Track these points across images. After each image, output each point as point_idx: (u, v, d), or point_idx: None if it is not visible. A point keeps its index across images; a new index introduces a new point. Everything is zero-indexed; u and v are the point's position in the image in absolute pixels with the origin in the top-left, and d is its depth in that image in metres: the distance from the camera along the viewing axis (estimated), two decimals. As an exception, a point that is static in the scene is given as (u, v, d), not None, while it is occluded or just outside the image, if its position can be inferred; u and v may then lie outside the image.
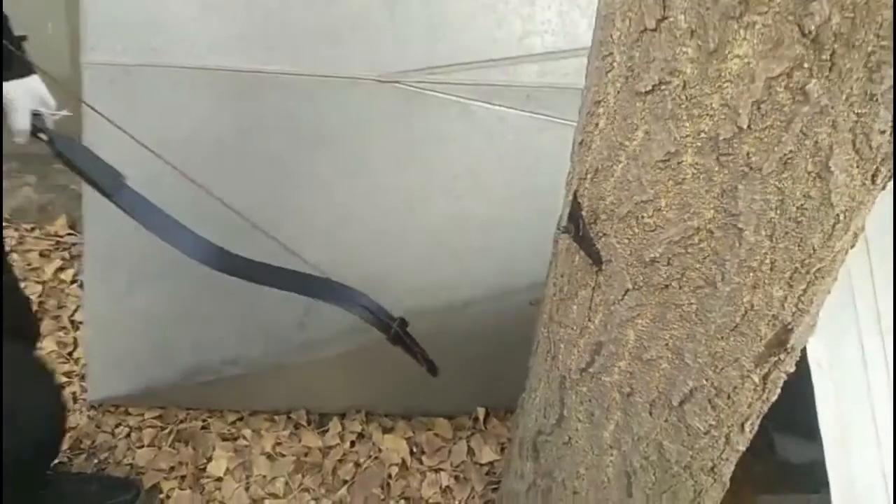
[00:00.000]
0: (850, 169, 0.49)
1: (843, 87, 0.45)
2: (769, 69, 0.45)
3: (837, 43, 0.43)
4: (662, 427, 0.70)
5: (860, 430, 0.88)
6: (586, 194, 0.61)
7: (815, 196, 0.50)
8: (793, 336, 0.61)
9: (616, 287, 0.62)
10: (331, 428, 1.50)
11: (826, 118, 0.46)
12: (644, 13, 0.49)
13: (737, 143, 0.49)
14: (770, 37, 0.44)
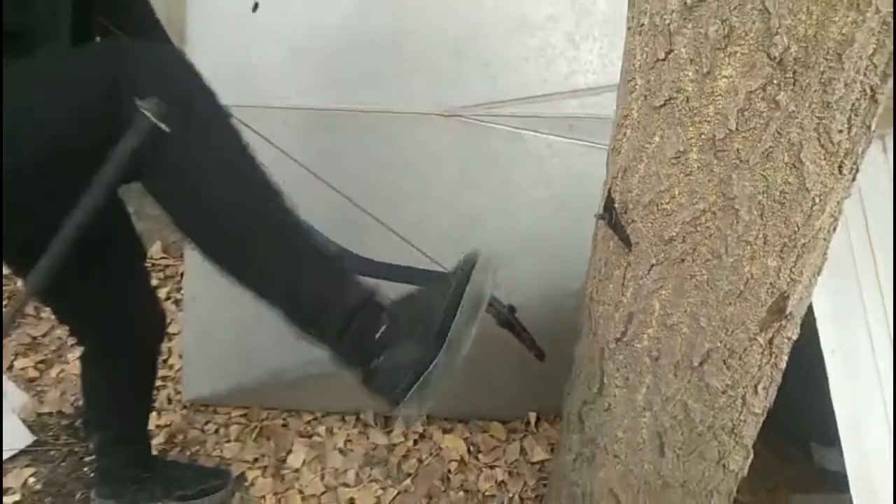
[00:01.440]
0: (818, 161, 0.64)
1: (805, 97, 0.61)
2: (748, 85, 0.61)
3: (797, 65, 0.59)
4: (686, 387, 0.83)
5: (870, 411, 0.99)
6: (618, 189, 0.77)
7: (793, 182, 0.65)
8: (790, 303, 0.75)
9: (643, 264, 0.77)
10: (395, 428, 1.66)
11: (794, 121, 0.62)
12: (657, 48, 0.66)
13: (728, 142, 0.65)
14: (747, 62, 0.60)
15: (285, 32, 1.43)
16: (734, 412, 0.85)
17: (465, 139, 1.36)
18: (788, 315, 0.76)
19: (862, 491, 1.02)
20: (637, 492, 0.98)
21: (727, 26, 0.60)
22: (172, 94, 0.73)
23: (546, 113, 1.32)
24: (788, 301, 0.74)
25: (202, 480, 1.51)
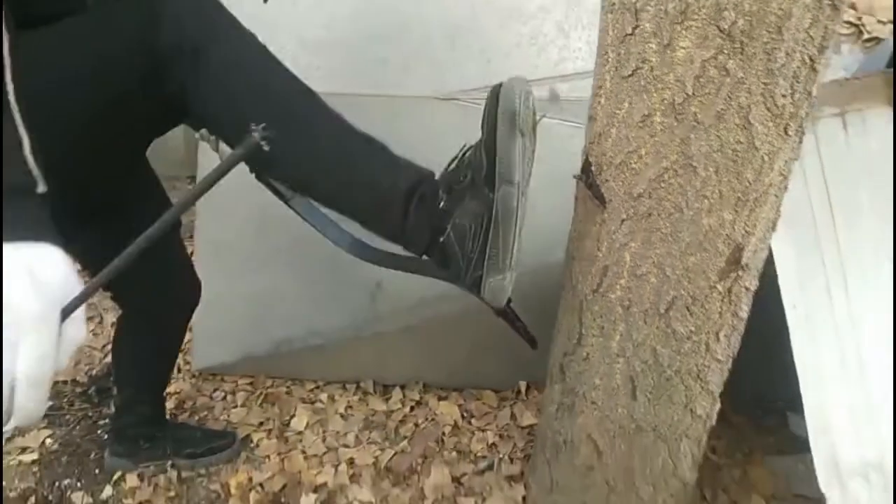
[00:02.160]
0: (765, 122, 0.74)
1: (751, 65, 0.70)
2: (702, 55, 0.71)
3: (743, 36, 0.69)
4: (654, 333, 0.93)
5: (829, 362, 1.09)
6: (593, 152, 0.86)
7: (744, 141, 0.75)
8: (745, 254, 0.84)
9: (615, 220, 0.87)
10: (393, 396, 1.75)
11: (743, 86, 0.72)
12: (625, 24, 0.76)
13: (687, 106, 0.74)
14: (701, 34, 0.70)
15: (295, 23, 1.52)
16: (699, 357, 0.95)
17: (462, 120, 1.46)
18: (744, 266, 0.85)
19: (821, 444, 1.11)
20: (613, 436, 1.07)
21: (684, 3, 0.69)
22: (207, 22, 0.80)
23: (538, 96, 1.41)
24: (744, 252, 0.83)
25: (210, 441, 1.60)
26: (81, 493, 1.50)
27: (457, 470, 1.54)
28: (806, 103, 0.74)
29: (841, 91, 1.07)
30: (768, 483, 1.48)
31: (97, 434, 1.67)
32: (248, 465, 1.58)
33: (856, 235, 1.08)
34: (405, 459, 1.57)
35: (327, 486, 1.52)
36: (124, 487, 1.51)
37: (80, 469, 1.57)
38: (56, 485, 1.53)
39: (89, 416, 1.73)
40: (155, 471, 1.54)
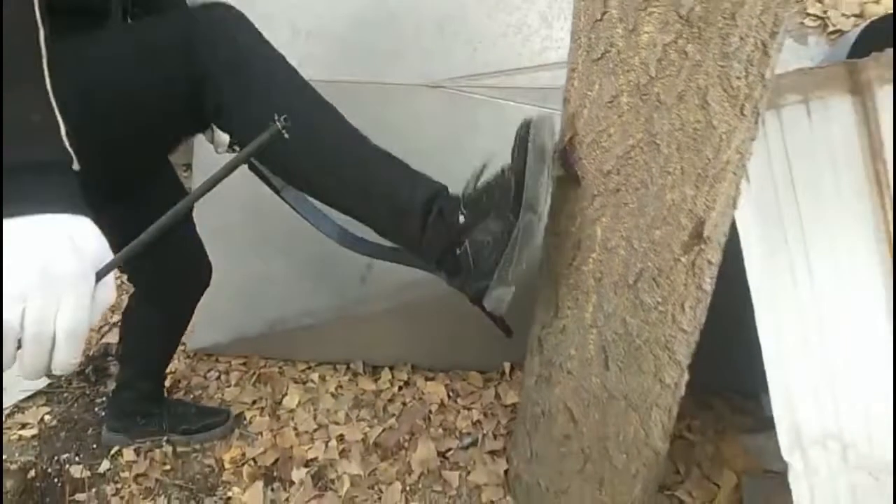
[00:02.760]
0: (722, 103, 0.80)
1: (708, 48, 0.76)
2: (663, 39, 0.76)
3: (701, 22, 0.75)
4: (624, 304, 0.99)
5: (792, 337, 1.15)
6: (568, 132, 0.92)
7: (703, 120, 0.81)
8: (706, 227, 0.90)
9: (587, 195, 0.92)
10: (382, 376, 1.81)
11: (701, 69, 0.77)
12: (595, 10, 0.81)
13: (650, 87, 0.80)
14: (662, 19, 0.76)
15: (289, 14, 1.57)
16: (666, 328, 1.01)
17: (449, 108, 1.51)
18: (706, 239, 0.91)
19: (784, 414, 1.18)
20: (587, 405, 1.13)
21: (646, -9, 0.75)
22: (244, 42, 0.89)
23: (522, 84, 1.47)
24: (705, 225, 0.89)
25: (205, 417, 1.66)
26: (80, 466, 1.56)
27: (442, 445, 1.60)
28: (760, 85, 0.80)
29: (805, 79, 1.13)
30: (740, 459, 1.55)
31: (94, 411, 1.73)
32: (242, 441, 1.64)
33: (818, 217, 1.15)
34: (393, 435, 1.63)
35: (318, 461, 1.58)
36: (121, 461, 1.57)
37: (78, 444, 1.63)
38: (55, 458, 1.58)
39: (86, 395, 1.78)
40: (151, 445, 1.59)
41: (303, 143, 0.88)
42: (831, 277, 1.16)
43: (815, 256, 1.15)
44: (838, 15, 1.32)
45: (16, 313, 0.52)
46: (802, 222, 1.16)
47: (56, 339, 0.54)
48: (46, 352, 0.54)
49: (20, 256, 0.54)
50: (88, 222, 0.60)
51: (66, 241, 0.56)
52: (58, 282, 0.54)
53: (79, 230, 0.58)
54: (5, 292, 0.52)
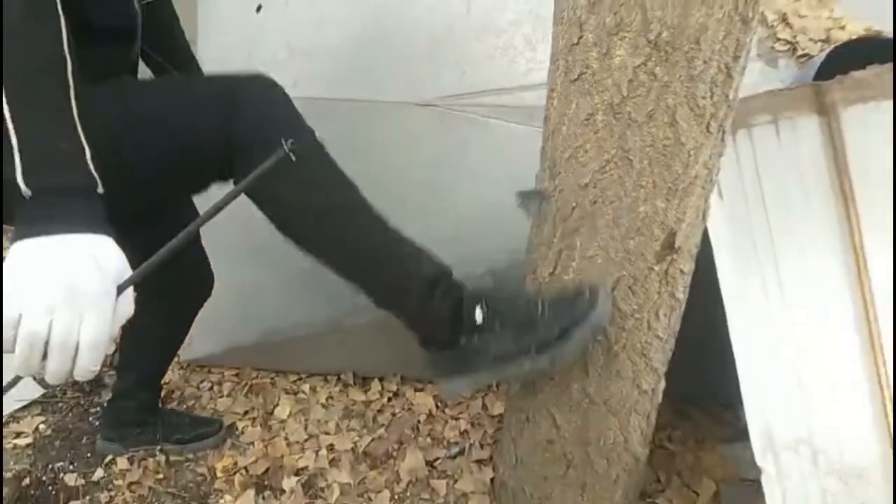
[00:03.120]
0: (689, 121, 0.86)
1: (675, 71, 0.82)
2: (634, 62, 0.82)
3: (668, 46, 0.81)
4: (603, 311, 1.04)
5: (764, 346, 1.20)
6: (548, 148, 0.98)
7: (672, 137, 0.87)
8: (678, 238, 0.95)
9: (567, 207, 0.98)
10: (372, 387, 1.84)
11: (669, 89, 0.83)
12: (572, 35, 0.87)
13: (623, 106, 0.86)
14: (633, 44, 0.82)
15: (283, 32, 1.63)
16: (641, 334, 1.06)
17: (439, 126, 1.57)
18: (678, 249, 0.97)
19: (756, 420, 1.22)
20: (569, 410, 1.18)
21: (618, 17, 0.81)
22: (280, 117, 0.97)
23: (508, 103, 1.53)
24: (676, 236, 0.95)
25: (198, 427, 1.69)
26: (74, 474, 1.58)
27: (430, 455, 1.63)
28: (724, 105, 0.86)
29: (774, 100, 1.19)
30: (719, 468, 1.59)
31: (88, 421, 1.75)
32: (234, 451, 1.67)
33: (788, 231, 1.20)
34: (382, 445, 1.66)
35: (308, 470, 1.61)
36: (115, 469, 1.59)
37: (72, 452, 1.65)
38: (49, 467, 1.61)
39: (81, 404, 1.81)
40: (144, 454, 1.62)
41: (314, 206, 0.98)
42: (800, 287, 1.21)
43: (784, 267, 1.21)
44: (806, 40, 1.39)
45: (44, 325, 0.58)
46: (772, 235, 1.21)
47: (79, 348, 0.60)
48: (70, 360, 0.60)
49: (48, 273, 0.59)
50: (110, 241, 0.65)
51: (89, 260, 0.61)
52: (82, 298, 0.59)
53: (101, 249, 0.64)
54: (35, 306, 0.58)
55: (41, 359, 0.59)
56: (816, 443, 1.22)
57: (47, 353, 0.59)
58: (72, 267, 0.60)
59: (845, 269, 1.21)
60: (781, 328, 1.20)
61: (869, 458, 1.24)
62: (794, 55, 1.38)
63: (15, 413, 1.75)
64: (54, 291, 0.59)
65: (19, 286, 0.59)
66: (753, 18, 0.82)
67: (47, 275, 0.59)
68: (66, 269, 0.60)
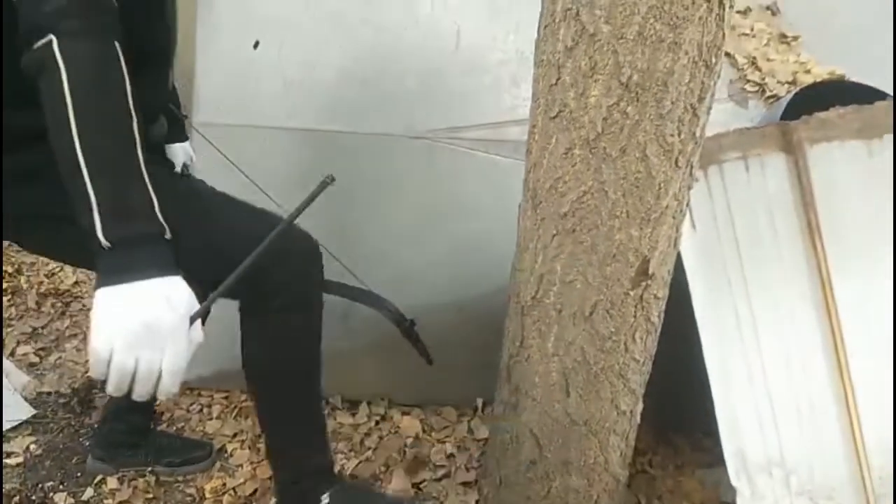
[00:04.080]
0: (659, 156, 0.92)
1: (645, 110, 0.89)
2: (607, 101, 0.90)
3: (638, 88, 0.88)
4: (582, 334, 1.09)
5: (737, 371, 1.26)
6: (530, 179, 1.05)
7: (643, 171, 0.93)
8: (651, 265, 1.02)
9: (548, 234, 1.04)
10: (360, 411, 1.88)
11: (640, 126, 0.90)
12: (551, 76, 0.95)
13: (598, 141, 0.93)
14: (606, 85, 0.89)
15: (280, 66, 1.70)
16: (619, 356, 1.11)
17: (430, 157, 1.64)
18: (652, 275, 1.03)
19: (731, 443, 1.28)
20: (551, 430, 1.22)
21: (593, 61, 0.88)
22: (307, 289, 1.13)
23: (495, 137, 1.61)
24: (650, 263, 1.01)
25: (189, 451, 1.71)
26: (64, 493, 1.60)
27: (417, 477, 1.67)
28: (692, 142, 0.93)
29: (743, 138, 1.27)
30: (699, 492, 1.63)
31: (79, 441, 1.78)
32: (223, 473, 1.69)
33: (758, 261, 1.27)
34: (369, 467, 1.70)
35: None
36: (105, 489, 1.61)
37: (62, 472, 1.67)
38: (39, 486, 1.63)
39: (71, 425, 1.83)
40: (135, 474, 1.64)
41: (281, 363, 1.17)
42: (771, 315, 1.28)
43: (755, 296, 1.28)
44: (774, 82, 1.48)
45: (130, 361, 0.69)
46: (743, 265, 1.28)
47: (161, 376, 0.71)
48: (153, 385, 0.71)
49: (130, 317, 0.69)
50: (179, 279, 0.75)
51: (163, 301, 0.71)
52: (161, 336, 0.70)
53: (173, 289, 0.73)
54: (122, 345, 0.69)
55: (129, 384, 0.70)
56: (788, 464, 1.28)
57: (134, 381, 0.70)
58: (150, 310, 0.70)
59: (813, 297, 1.28)
60: (753, 353, 1.27)
61: (839, 479, 1.29)
62: (762, 96, 1.47)
63: (6, 433, 1.77)
64: (137, 332, 0.69)
65: (108, 329, 0.69)
66: (717, 64, 0.90)
67: (130, 318, 0.69)
68: (146, 312, 0.70)
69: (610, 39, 0.86)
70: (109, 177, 0.72)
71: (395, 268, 1.70)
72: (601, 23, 0.86)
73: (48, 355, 2.08)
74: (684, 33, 0.86)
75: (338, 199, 1.69)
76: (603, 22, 0.86)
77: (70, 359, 2.08)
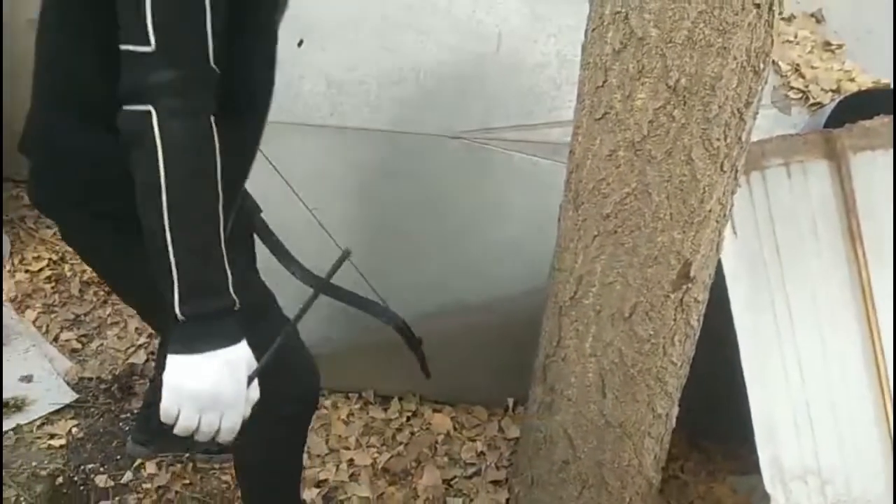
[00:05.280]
0: (704, 160, 0.93)
1: (692, 114, 0.90)
2: (654, 104, 0.91)
3: (686, 91, 0.89)
4: (620, 336, 1.10)
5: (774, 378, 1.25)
6: (572, 180, 1.06)
7: (688, 174, 0.94)
8: (693, 268, 1.02)
9: (588, 235, 1.05)
10: (391, 406, 1.90)
11: (686, 130, 0.91)
12: (597, 78, 0.96)
13: (643, 144, 0.94)
14: (653, 88, 0.90)
15: (323, 65, 1.74)
16: (657, 359, 1.12)
17: (467, 157, 1.66)
18: (693, 279, 1.03)
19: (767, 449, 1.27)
20: (586, 432, 1.23)
21: (640, 64, 0.89)
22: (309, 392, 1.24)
23: (533, 139, 1.62)
24: (692, 267, 1.02)
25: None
26: (104, 476, 1.65)
27: (447, 473, 1.69)
28: (737, 146, 0.94)
29: (786, 145, 1.27)
30: (730, 499, 1.63)
31: (119, 426, 1.83)
32: (256, 462, 1.73)
33: (798, 268, 1.27)
34: (401, 462, 1.72)
35: (329, 483, 1.66)
36: (144, 473, 1.66)
37: (103, 455, 1.72)
38: (81, 468, 1.68)
39: (111, 410, 1.89)
40: (173, 460, 1.68)
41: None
42: (811, 322, 1.27)
43: (795, 303, 1.27)
44: (818, 89, 1.47)
45: (195, 421, 0.78)
46: (783, 271, 1.28)
47: (220, 431, 0.80)
48: (213, 437, 0.81)
49: (197, 384, 0.77)
50: (241, 347, 0.80)
51: (226, 370, 0.78)
52: (222, 401, 0.78)
53: (235, 356, 0.79)
54: (188, 407, 0.77)
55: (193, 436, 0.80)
56: (824, 474, 1.27)
57: (197, 432, 0.79)
58: (214, 380, 0.77)
59: (853, 306, 1.27)
60: (791, 360, 1.26)
61: (875, 492, 1.28)
62: (806, 103, 1.46)
63: (49, 416, 1.82)
64: (202, 399, 0.77)
65: (177, 394, 0.77)
66: (764, 69, 0.90)
67: (196, 385, 0.77)
68: (210, 381, 0.77)
69: (658, 43, 0.87)
70: (193, 258, 0.77)
71: (429, 266, 1.72)
72: (650, 27, 0.87)
73: (90, 342, 2.14)
74: (733, 38, 0.86)
75: (376, 195, 1.73)
76: (652, 26, 0.87)
77: (111, 346, 2.14)
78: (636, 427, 1.21)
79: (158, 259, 0.76)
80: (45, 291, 2.29)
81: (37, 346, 2.07)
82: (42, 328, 2.14)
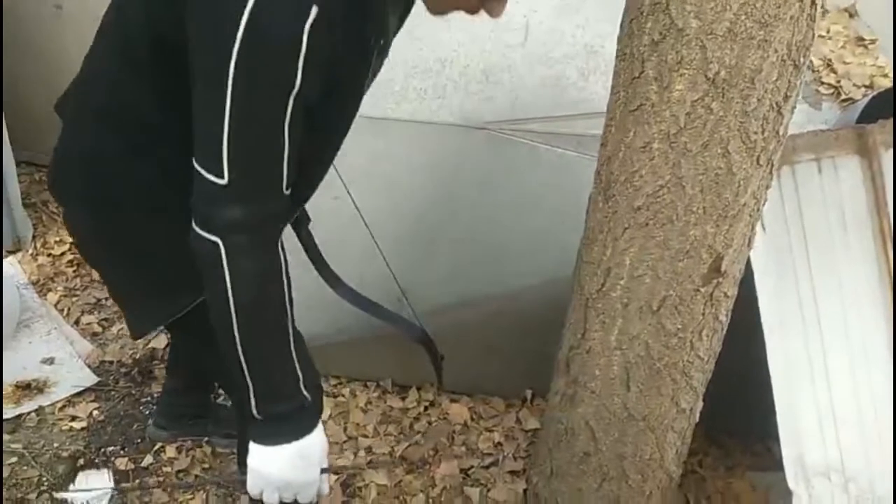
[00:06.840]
0: (741, 153, 0.92)
1: (730, 106, 0.89)
2: (692, 96, 0.90)
3: (725, 84, 0.88)
4: (647, 329, 1.10)
5: (799, 373, 1.25)
6: (604, 171, 1.05)
7: (724, 168, 0.93)
8: (724, 263, 1.02)
9: (618, 228, 1.05)
10: (409, 395, 1.91)
11: (724, 122, 0.90)
12: (633, 69, 0.95)
13: (679, 136, 0.93)
14: (691, 80, 0.89)
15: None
16: (684, 353, 1.11)
17: (491, 148, 1.66)
18: (724, 273, 1.03)
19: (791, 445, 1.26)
20: (608, 424, 1.23)
21: (679, 55, 0.89)
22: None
23: (559, 131, 1.61)
24: (723, 261, 1.01)
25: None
26: (125, 459, 1.67)
27: (465, 463, 1.69)
28: (774, 140, 0.93)
29: (818, 140, 1.26)
30: (749, 495, 1.62)
31: (139, 409, 1.84)
32: (275, 447, 1.74)
33: (826, 263, 1.26)
34: (418, 451, 1.73)
35: (347, 469, 1.67)
36: (164, 457, 1.68)
37: (123, 438, 1.74)
38: (102, 450, 1.70)
39: (132, 394, 1.91)
40: (192, 444, 1.70)
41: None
42: (838, 320, 1.26)
43: (822, 300, 1.26)
44: (850, 85, 1.45)
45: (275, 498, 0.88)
46: (812, 268, 1.27)
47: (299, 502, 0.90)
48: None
49: (275, 472, 0.86)
50: (315, 437, 0.88)
51: (299, 461, 0.86)
52: (296, 487, 0.87)
53: (309, 448, 0.87)
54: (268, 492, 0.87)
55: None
56: (848, 471, 1.26)
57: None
58: (289, 469, 0.86)
59: (882, 303, 1.26)
60: (817, 357, 1.25)
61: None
62: (837, 99, 1.44)
63: (71, 398, 1.84)
64: (279, 485, 0.87)
65: (260, 479, 0.87)
66: (804, 63, 0.89)
67: (273, 472, 0.86)
68: (285, 470, 0.86)
69: (699, 35, 0.86)
70: (265, 370, 0.84)
71: (450, 257, 1.72)
72: (691, 17, 0.86)
73: (111, 326, 2.16)
74: (775, 31, 0.85)
75: (400, 184, 1.73)
76: (693, 17, 0.86)
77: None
78: (659, 421, 1.20)
79: (233, 368, 0.82)
80: (67, 275, 2.31)
81: (58, 328, 2.09)
82: (63, 311, 2.16)
